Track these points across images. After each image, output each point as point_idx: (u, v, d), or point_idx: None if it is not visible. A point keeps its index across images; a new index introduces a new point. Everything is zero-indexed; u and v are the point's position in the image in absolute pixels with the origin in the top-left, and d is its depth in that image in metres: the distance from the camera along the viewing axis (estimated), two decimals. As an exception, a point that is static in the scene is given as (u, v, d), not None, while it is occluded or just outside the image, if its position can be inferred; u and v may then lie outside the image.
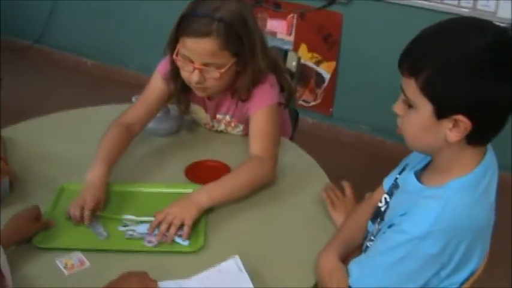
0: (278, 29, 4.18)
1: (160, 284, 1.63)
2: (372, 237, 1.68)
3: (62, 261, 1.75)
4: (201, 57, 2.02)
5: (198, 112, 2.40)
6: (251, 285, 1.64)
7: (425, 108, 1.43)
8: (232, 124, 2.37)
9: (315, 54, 4.14)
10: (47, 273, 1.71)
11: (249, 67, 2.11)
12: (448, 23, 1.47)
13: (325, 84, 4.20)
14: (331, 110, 4.28)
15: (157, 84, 2.28)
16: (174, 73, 2.19)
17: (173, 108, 2.42)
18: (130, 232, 1.86)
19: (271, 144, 2.14)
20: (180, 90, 2.25)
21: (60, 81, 5.14)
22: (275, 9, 4.12)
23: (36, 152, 2.30)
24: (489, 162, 1.52)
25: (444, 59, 1.39)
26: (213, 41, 1.99)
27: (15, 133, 2.41)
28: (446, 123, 1.42)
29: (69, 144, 2.33)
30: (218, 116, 2.36)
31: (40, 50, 5.55)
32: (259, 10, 4.13)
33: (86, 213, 1.87)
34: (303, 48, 4.16)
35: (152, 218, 1.88)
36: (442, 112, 1.42)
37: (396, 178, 1.73)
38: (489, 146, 1.55)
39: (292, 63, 2.71)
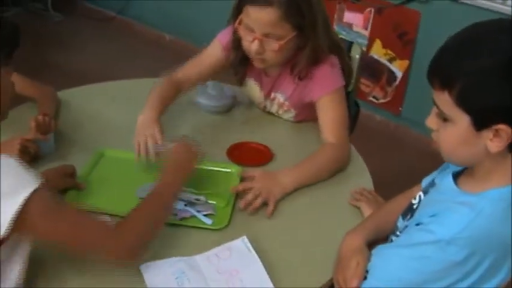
0: (354, 22, 4.14)
1: (169, 260, 1.65)
2: (398, 233, 1.64)
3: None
4: (261, 26, 2.03)
5: (253, 89, 2.40)
6: (261, 266, 1.64)
7: (462, 120, 1.35)
8: (285, 107, 2.35)
9: (389, 51, 4.09)
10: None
11: (309, 43, 2.10)
12: (474, 28, 1.38)
13: (397, 83, 4.15)
14: (400, 109, 4.23)
15: (214, 52, 2.32)
16: (236, 43, 2.21)
17: (228, 88, 2.44)
18: None
19: (343, 130, 2.17)
20: (239, 61, 2.27)
21: (138, 53, 5.25)
22: (354, 1, 4.08)
23: (87, 116, 2.36)
24: None
25: (477, 67, 1.30)
26: (274, 11, 1.99)
27: (73, 96, 2.49)
28: (487, 134, 1.35)
29: (122, 112, 2.37)
30: (272, 95, 2.35)
31: (122, 21, 5.70)
32: (337, 1, 4.10)
33: (157, 136, 2.04)
34: (377, 43, 4.12)
35: (187, 195, 1.90)
36: (481, 123, 1.34)
37: (435, 177, 1.68)
38: None
39: (356, 56, 2.66)
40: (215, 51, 2.32)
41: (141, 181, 1.97)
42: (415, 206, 1.64)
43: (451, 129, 1.39)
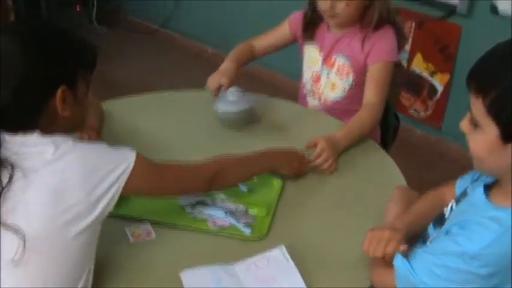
0: (395, 36, 4.14)
1: (208, 267, 1.67)
2: (429, 243, 1.63)
3: (131, 229, 1.83)
4: None
5: (311, 52, 2.60)
6: (298, 275, 1.65)
7: (490, 129, 1.36)
8: (344, 71, 2.50)
9: (430, 65, 4.08)
10: (114, 237, 1.80)
11: (374, 3, 2.36)
12: None
13: (438, 96, 4.13)
14: (441, 123, 4.20)
15: (283, 26, 2.66)
16: (311, 5, 2.49)
17: (248, 95, 2.43)
18: (197, 213, 1.92)
19: (384, 93, 2.41)
20: (310, 20, 2.54)
21: (180, 65, 5.31)
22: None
23: (130, 127, 2.40)
24: None
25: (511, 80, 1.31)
26: None
27: (116, 106, 2.53)
28: None
29: (164, 124, 2.41)
30: (333, 58, 2.51)
31: (165, 34, 5.78)
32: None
33: (226, 86, 2.41)
34: (418, 57, 4.11)
35: (227, 204, 1.94)
36: (508, 136, 1.35)
37: (467, 187, 1.67)
38: None
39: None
40: (284, 26, 2.66)
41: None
42: (446, 216, 1.64)
43: (480, 136, 1.39)
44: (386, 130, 2.71)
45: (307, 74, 2.63)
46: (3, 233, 1.43)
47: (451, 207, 1.64)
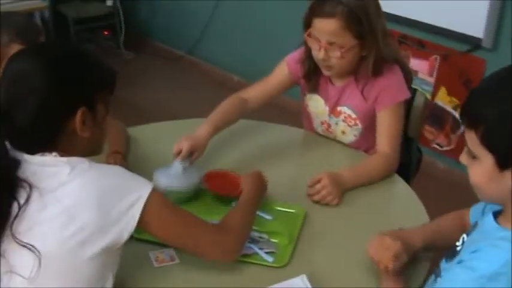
0: (419, 69, 4.16)
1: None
2: (440, 278, 1.64)
3: (155, 254, 1.86)
4: (326, 35, 2.25)
5: (317, 103, 2.53)
6: (319, 305, 1.67)
7: (487, 159, 1.41)
8: (351, 121, 2.46)
9: (454, 99, 4.08)
10: (138, 261, 1.83)
11: (371, 52, 2.29)
12: (503, 73, 1.45)
13: (461, 130, 4.13)
14: (464, 156, 4.18)
15: (281, 69, 2.56)
16: (307, 54, 2.41)
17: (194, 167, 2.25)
18: None
19: (397, 141, 2.37)
20: (310, 71, 2.45)
21: (205, 92, 5.33)
22: (419, 48, 4.11)
23: (152, 154, 2.43)
24: None
25: (501, 110, 1.37)
26: (336, 21, 2.21)
27: (141, 132, 2.58)
28: (511, 174, 1.40)
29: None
30: (339, 108, 2.47)
31: (191, 61, 5.83)
32: (403, 47, 4.13)
33: (182, 154, 2.18)
34: (443, 91, 4.12)
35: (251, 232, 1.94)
36: (504, 163, 1.39)
37: (478, 219, 1.67)
38: None
39: (420, 103, 2.68)
40: (282, 69, 2.55)
41: (212, 214, 1.99)
42: (458, 249, 1.64)
43: (478, 166, 1.44)
44: (409, 163, 2.71)
45: (316, 122, 2.60)
46: (20, 251, 1.46)
47: (463, 240, 1.65)
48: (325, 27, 2.24)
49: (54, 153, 1.54)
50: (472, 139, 1.44)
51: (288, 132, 2.73)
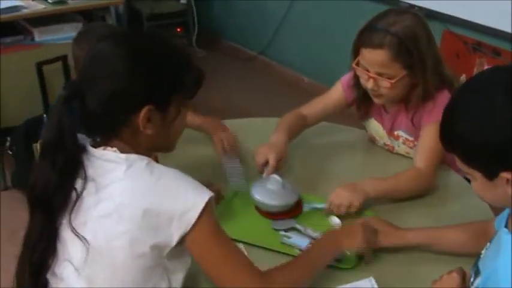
0: (494, 77, 4.09)
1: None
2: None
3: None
4: (374, 66, 2.20)
5: (376, 128, 2.51)
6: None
7: (476, 174, 1.47)
8: (411, 143, 2.42)
9: None
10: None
11: (420, 81, 2.22)
12: (458, 93, 1.52)
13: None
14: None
15: (337, 91, 2.50)
16: (356, 80, 2.36)
17: (291, 184, 2.19)
18: (286, 238, 1.97)
19: (434, 160, 2.24)
20: (361, 98, 2.41)
21: (276, 93, 5.38)
22: (494, 56, 4.05)
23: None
24: None
25: (467, 130, 1.42)
26: (385, 52, 2.15)
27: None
28: (501, 181, 1.42)
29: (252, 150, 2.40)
30: (395, 132, 2.44)
31: (263, 61, 5.89)
32: (478, 55, 4.08)
33: (271, 165, 2.18)
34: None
35: (317, 234, 1.97)
36: (489, 175, 1.43)
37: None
38: None
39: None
40: (338, 89, 2.49)
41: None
42: (482, 256, 1.63)
43: (474, 182, 1.51)
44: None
45: (380, 143, 2.56)
46: (73, 240, 1.51)
47: (486, 249, 1.65)
48: (374, 58, 2.18)
49: (114, 149, 1.53)
50: (458, 161, 1.50)
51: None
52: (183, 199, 1.48)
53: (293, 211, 2.10)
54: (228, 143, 2.40)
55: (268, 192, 2.09)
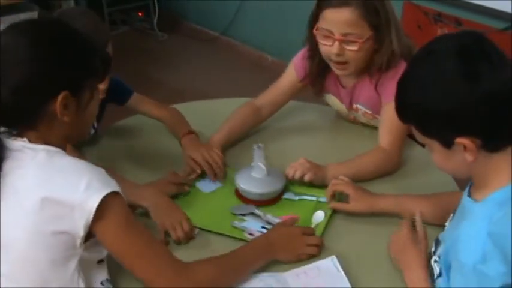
0: (456, 47, 4.08)
1: (259, 275, 1.69)
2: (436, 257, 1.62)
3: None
4: (340, 27, 2.10)
5: (335, 102, 2.46)
6: (348, 284, 1.65)
7: (434, 144, 1.48)
8: (370, 115, 2.38)
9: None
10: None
11: (384, 44, 2.15)
12: (411, 62, 1.52)
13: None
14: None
15: (289, 74, 2.42)
16: (311, 53, 2.29)
17: (276, 170, 2.16)
18: (238, 222, 1.94)
19: (399, 139, 2.21)
20: (315, 72, 2.34)
21: (239, 72, 5.35)
22: (456, 26, 4.04)
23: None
24: None
25: (420, 103, 1.43)
26: (352, 10, 2.07)
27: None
28: (458, 148, 1.42)
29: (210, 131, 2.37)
30: (355, 106, 2.39)
31: (225, 42, 5.84)
32: (439, 25, 4.07)
33: (216, 163, 2.14)
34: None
35: (276, 219, 1.94)
36: (445, 143, 1.44)
37: None
38: None
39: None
40: (289, 73, 2.42)
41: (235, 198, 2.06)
42: (446, 227, 1.66)
43: (434, 154, 1.51)
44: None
45: (342, 115, 2.52)
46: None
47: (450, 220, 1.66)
48: (340, 17, 2.09)
49: (24, 139, 1.50)
50: (415, 131, 1.51)
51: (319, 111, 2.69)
52: (83, 188, 1.44)
53: (276, 200, 2.06)
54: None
55: (252, 180, 2.06)
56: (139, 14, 6.14)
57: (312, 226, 1.91)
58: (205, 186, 2.12)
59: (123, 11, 6.02)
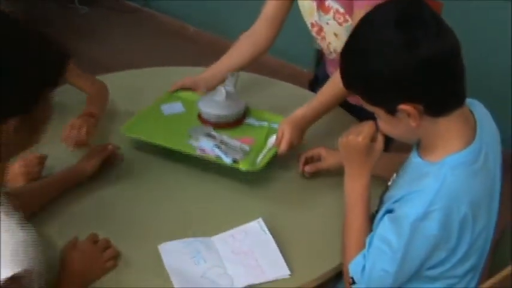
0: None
1: (186, 240, 1.71)
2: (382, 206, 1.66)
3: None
4: None
5: (305, 4, 2.32)
6: (274, 245, 1.68)
7: (380, 112, 1.50)
8: (341, 16, 2.22)
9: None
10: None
11: None
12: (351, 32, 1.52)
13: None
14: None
15: None
16: None
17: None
18: (193, 140, 2.06)
19: None
20: None
21: (162, 43, 5.29)
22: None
23: (114, 104, 2.40)
24: (484, 134, 1.53)
25: (363, 72, 1.46)
26: None
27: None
28: (402, 115, 1.45)
29: (141, 100, 2.38)
30: (327, 3, 2.23)
31: (147, 13, 5.75)
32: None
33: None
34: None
35: (231, 141, 2.05)
36: (390, 110, 1.47)
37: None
38: (482, 117, 1.58)
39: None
40: None
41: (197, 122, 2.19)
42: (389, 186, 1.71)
43: (380, 122, 1.55)
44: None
45: (308, 26, 2.40)
46: None
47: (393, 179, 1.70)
48: None
49: None
50: (363, 102, 1.52)
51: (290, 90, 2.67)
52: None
53: (236, 123, 2.18)
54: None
55: (212, 102, 2.16)
56: (58, -13, 6.00)
57: (267, 149, 2.02)
58: (167, 109, 2.26)
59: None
